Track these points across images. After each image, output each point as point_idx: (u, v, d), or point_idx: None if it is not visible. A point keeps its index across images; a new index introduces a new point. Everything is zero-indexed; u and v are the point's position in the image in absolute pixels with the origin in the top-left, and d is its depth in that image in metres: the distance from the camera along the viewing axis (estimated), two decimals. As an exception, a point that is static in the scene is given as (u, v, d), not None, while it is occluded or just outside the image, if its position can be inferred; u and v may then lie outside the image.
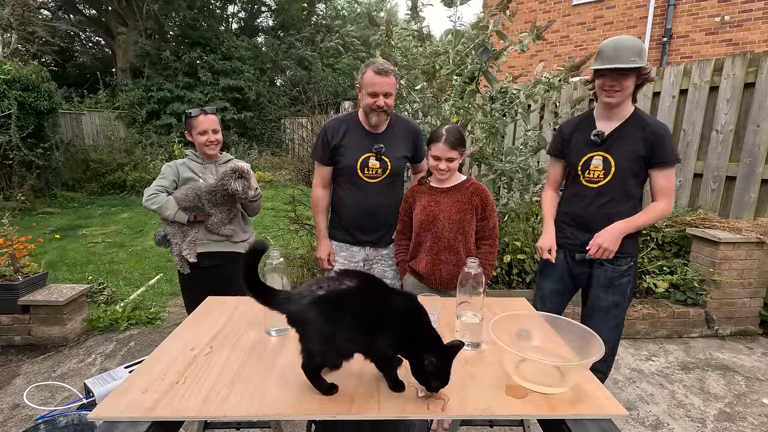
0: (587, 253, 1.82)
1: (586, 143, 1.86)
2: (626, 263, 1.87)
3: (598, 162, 1.82)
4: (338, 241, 2.23)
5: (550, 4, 9.77)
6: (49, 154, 8.08)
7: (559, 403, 1.00)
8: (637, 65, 1.67)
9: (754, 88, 3.34)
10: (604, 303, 1.90)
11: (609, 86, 1.74)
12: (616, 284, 1.88)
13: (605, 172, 1.81)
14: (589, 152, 1.85)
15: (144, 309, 3.68)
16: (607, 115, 1.83)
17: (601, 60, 1.74)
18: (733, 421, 2.30)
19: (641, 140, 1.76)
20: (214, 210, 2.11)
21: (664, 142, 1.75)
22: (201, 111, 2.16)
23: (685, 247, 3.54)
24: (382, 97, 1.96)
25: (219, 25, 15.24)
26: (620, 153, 1.79)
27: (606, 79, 1.74)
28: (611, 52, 1.71)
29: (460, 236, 1.93)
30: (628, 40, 1.70)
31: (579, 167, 1.87)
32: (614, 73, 1.70)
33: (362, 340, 1.00)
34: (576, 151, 1.89)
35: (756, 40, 7.51)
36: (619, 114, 1.81)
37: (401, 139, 2.15)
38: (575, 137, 1.91)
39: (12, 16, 10.17)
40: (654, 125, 1.78)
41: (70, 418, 1.67)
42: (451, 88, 3.02)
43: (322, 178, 2.20)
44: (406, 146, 2.17)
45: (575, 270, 1.96)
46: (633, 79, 1.72)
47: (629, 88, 1.74)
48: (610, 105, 1.79)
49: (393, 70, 1.97)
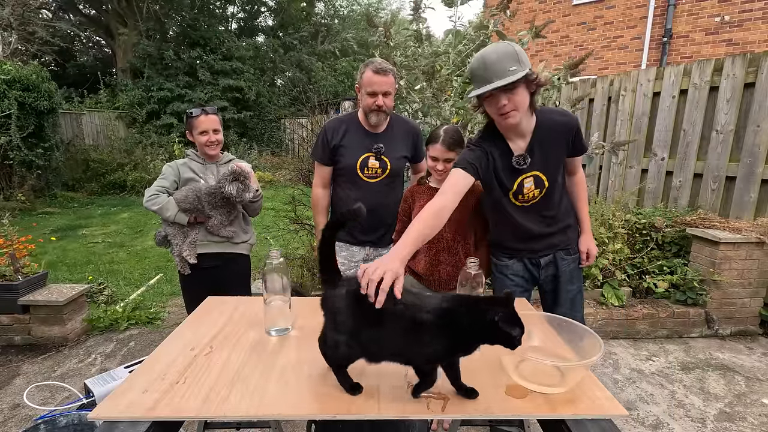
0: (579, 261, 1.87)
1: (509, 169, 1.65)
2: (576, 249, 1.87)
3: (530, 184, 1.66)
4: (338, 241, 2.23)
5: (550, 4, 9.78)
6: (49, 154, 8.08)
7: (559, 403, 1.00)
8: (519, 74, 1.41)
9: (754, 88, 3.34)
10: (571, 294, 1.89)
11: (500, 107, 1.48)
12: (577, 272, 1.89)
13: (540, 189, 1.67)
14: (517, 177, 1.66)
15: (144, 309, 3.68)
16: (515, 134, 1.62)
17: (477, 83, 1.48)
18: (733, 421, 2.30)
19: (558, 142, 1.64)
20: (214, 212, 2.10)
21: (579, 132, 1.66)
22: (202, 111, 2.15)
23: (685, 247, 3.54)
24: (381, 97, 1.96)
25: (219, 25, 15.24)
26: (547, 165, 1.65)
27: (493, 100, 1.48)
28: (483, 72, 1.44)
29: (459, 237, 1.93)
30: (497, 50, 1.43)
31: (511, 195, 1.69)
32: (499, 90, 1.44)
33: (395, 346, 0.98)
34: (502, 177, 1.67)
35: (756, 40, 7.52)
36: (526, 129, 1.61)
37: (401, 139, 2.15)
38: (495, 168, 1.66)
39: (12, 16, 10.16)
40: (565, 122, 1.64)
41: (70, 418, 1.67)
42: (451, 89, 3.02)
43: (322, 178, 2.20)
44: (405, 146, 2.17)
45: (541, 275, 1.86)
46: (523, 89, 1.47)
47: (524, 101, 1.49)
48: (511, 127, 1.57)
49: (391, 69, 1.97)
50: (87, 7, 14.85)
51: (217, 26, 14.91)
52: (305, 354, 1.23)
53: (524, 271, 1.85)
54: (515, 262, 1.85)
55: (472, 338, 0.97)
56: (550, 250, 1.83)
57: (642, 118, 4.13)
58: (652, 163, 4.08)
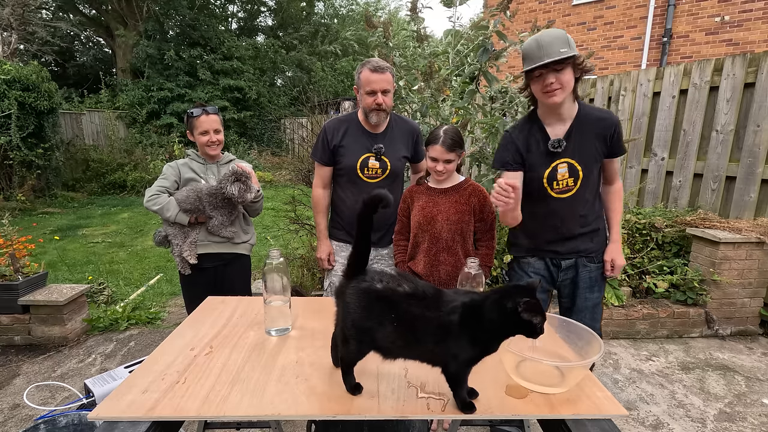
0: (603, 269, 1.83)
1: (544, 153, 1.71)
2: (602, 257, 1.86)
3: (564, 170, 1.70)
4: (338, 241, 2.23)
5: (550, 4, 9.77)
6: (49, 154, 8.09)
7: (559, 403, 1.00)
8: (569, 54, 1.53)
9: (754, 88, 3.34)
10: (590, 302, 1.89)
11: (548, 85, 1.59)
12: (600, 281, 1.88)
13: (574, 179, 1.70)
14: (552, 162, 1.71)
15: (144, 309, 3.68)
16: (556, 118, 1.70)
17: (530, 60, 1.60)
18: (733, 421, 2.30)
19: (598, 137, 1.68)
20: (215, 212, 2.10)
21: (619, 132, 1.69)
22: (203, 111, 2.14)
23: (685, 247, 3.54)
24: (380, 95, 1.96)
25: (219, 25, 15.24)
26: (582, 155, 1.69)
27: (542, 79, 1.60)
28: (537, 50, 1.56)
29: (458, 237, 1.93)
30: (551, 33, 1.57)
31: (545, 179, 1.73)
32: (548, 69, 1.56)
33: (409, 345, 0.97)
34: (536, 162, 1.73)
35: (756, 40, 7.51)
36: (567, 114, 1.68)
37: (401, 139, 2.15)
38: (530, 148, 1.74)
39: (12, 16, 10.17)
40: (606, 118, 1.70)
41: (70, 418, 1.66)
42: (450, 89, 3.02)
43: (322, 178, 2.20)
44: (405, 146, 2.17)
45: (560, 277, 1.88)
46: (570, 71, 1.58)
47: (569, 82, 1.59)
48: (556, 105, 1.64)
49: (389, 66, 1.97)
50: (87, 7, 14.85)
51: (217, 26, 14.91)
52: (305, 354, 1.23)
53: (545, 270, 1.87)
54: (537, 260, 1.87)
55: (498, 330, 0.95)
56: (573, 255, 1.82)
57: (642, 118, 4.13)
58: (652, 163, 4.08)
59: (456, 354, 0.94)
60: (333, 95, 14.35)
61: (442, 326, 0.94)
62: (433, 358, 0.98)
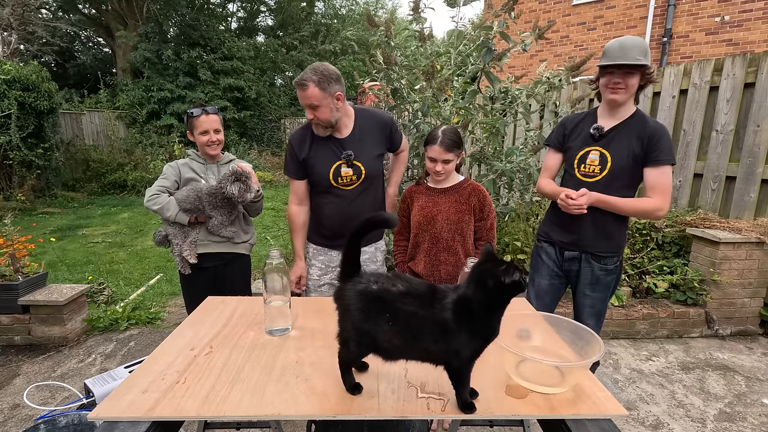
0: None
1: (585, 137, 1.90)
2: (613, 263, 1.90)
3: (595, 156, 1.84)
4: (316, 244, 2.13)
5: (550, 4, 9.77)
6: (49, 154, 8.09)
7: (559, 403, 1.00)
8: (642, 63, 1.71)
9: (754, 88, 3.34)
10: (588, 300, 1.95)
11: (614, 83, 1.77)
12: (602, 282, 1.92)
13: (601, 167, 1.83)
14: (587, 146, 1.87)
15: (144, 309, 3.68)
16: (610, 113, 1.86)
17: (608, 58, 1.77)
18: (733, 421, 2.30)
19: (638, 139, 1.78)
20: (215, 212, 2.10)
21: (661, 140, 1.75)
22: (202, 111, 2.14)
23: (685, 247, 3.54)
24: (309, 110, 1.83)
25: (219, 25, 15.24)
26: (617, 149, 1.81)
27: (612, 76, 1.77)
28: (617, 51, 1.74)
29: (458, 236, 1.93)
30: (633, 40, 1.74)
31: (576, 161, 1.90)
32: (620, 70, 1.74)
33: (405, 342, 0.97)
34: (575, 144, 1.92)
35: (756, 40, 7.51)
36: (622, 113, 1.84)
37: (370, 138, 2.00)
38: (576, 131, 1.94)
39: (12, 16, 10.17)
40: (653, 125, 1.79)
41: (70, 418, 1.66)
42: (451, 89, 3.02)
43: (297, 193, 2.06)
44: (378, 143, 2.02)
45: (564, 266, 1.99)
46: (638, 77, 1.75)
47: (633, 86, 1.77)
48: (615, 102, 1.81)
49: (311, 78, 1.78)
50: (87, 7, 14.85)
51: (217, 26, 14.92)
52: (305, 354, 1.23)
53: (556, 256, 2.02)
54: (549, 246, 2.03)
55: (494, 309, 0.95)
56: (576, 248, 1.92)
57: (642, 118, 4.13)
58: (652, 163, 4.08)
59: (458, 350, 0.94)
60: (333, 95, 14.30)
61: (439, 323, 0.94)
62: (434, 356, 0.98)
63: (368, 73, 3.19)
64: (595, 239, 1.87)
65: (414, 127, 3.00)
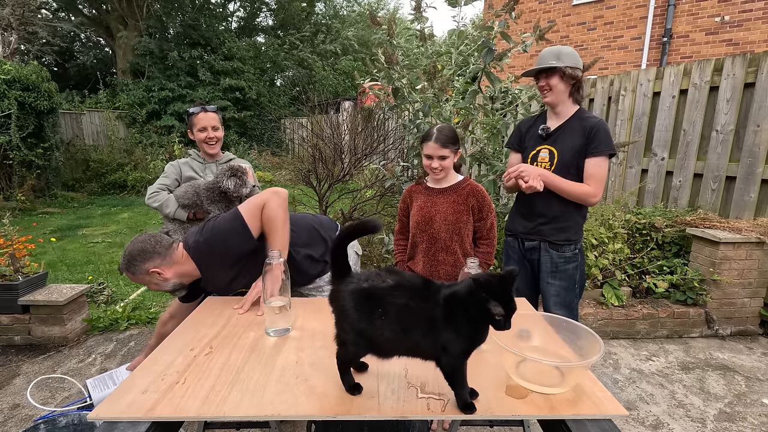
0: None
1: (536, 137, 2.05)
2: (570, 250, 1.98)
3: (545, 154, 2.00)
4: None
5: (550, 4, 9.77)
6: (49, 154, 8.08)
7: (559, 403, 1.00)
8: (553, 65, 1.87)
9: (754, 88, 3.34)
10: (552, 288, 2.01)
11: (540, 87, 1.96)
12: (562, 269, 1.99)
13: (551, 163, 1.97)
14: (539, 145, 2.03)
15: (144, 309, 3.68)
16: (554, 114, 2.02)
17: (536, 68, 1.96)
18: (733, 421, 2.30)
19: (580, 134, 1.91)
20: (212, 207, 2.12)
21: (598, 134, 1.87)
22: (201, 108, 2.20)
23: (685, 247, 3.54)
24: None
25: (219, 25, 15.24)
26: (563, 146, 1.95)
27: (538, 82, 1.97)
28: (539, 60, 1.95)
29: (456, 237, 1.93)
30: (549, 49, 1.92)
31: (530, 159, 2.05)
32: (541, 75, 1.94)
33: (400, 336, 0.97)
34: (529, 144, 2.08)
35: (756, 40, 7.51)
36: (564, 113, 1.99)
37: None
38: (530, 133, 2.09)
39: (12, 16, 10.17)
40: (592, 121, 1.92)
41: (70, 418, 1.67)
42: (452, 89, 3.02)
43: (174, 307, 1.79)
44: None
45: (527, 256, 2.08)
46: (557, 78, 1.89)
47: (557, 86, 1.91)
48: (548, 103, 1.99)
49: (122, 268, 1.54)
50: (87, 7, 14.85)
51: (218, 26, 14.92)
52: (305, 354, 1.23)
53: (519, 247, 2.11)
54: (513, 239, 2.13)
55: (475, 320, 0.94)
56: (536, 236, 2.01)
57: (642, 118, 4.13)
58: (652, 163, 4.08)
59: (445, 346, 0.94)
60: (333, 95, 14.35)
61: (428, 318, 0.94)
62: (423, 351, 0.98)
63: (369, 72, 3.19)
64: (551, 228, 1.98)
65: (414, 127, 3.00)
